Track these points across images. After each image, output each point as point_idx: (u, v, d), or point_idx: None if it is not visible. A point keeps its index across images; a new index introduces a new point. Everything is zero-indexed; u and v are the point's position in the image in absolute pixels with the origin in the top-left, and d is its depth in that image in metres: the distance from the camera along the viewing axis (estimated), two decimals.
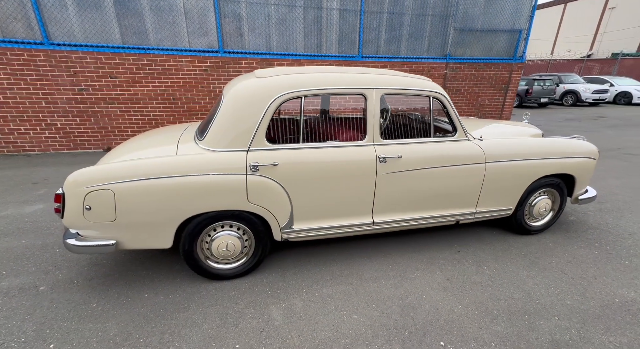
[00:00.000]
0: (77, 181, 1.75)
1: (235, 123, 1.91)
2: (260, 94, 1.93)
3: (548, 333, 1.69)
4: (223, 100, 1.99)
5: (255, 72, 2.19)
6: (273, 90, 1.94)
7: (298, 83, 1.97)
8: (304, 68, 2.16)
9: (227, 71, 5.56)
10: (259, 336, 1.68)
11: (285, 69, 2.14)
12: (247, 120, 1.92)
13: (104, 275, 2.17)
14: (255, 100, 1.92)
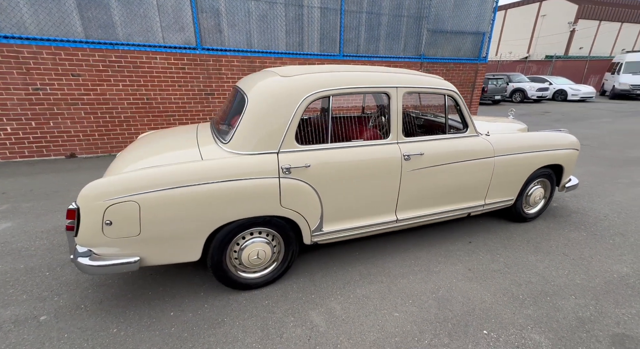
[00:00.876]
0: (95, 194, 1.55)
1: (265, 125, 1.82)
2: (289, 94, 1.85)
3: (572, 312, 1.85)
4: (247, 100, 1.88)
5: (275, 70, 2.10)
6: (302, 89, 1.88)
7: (327, 82, 1.92)
8: (327, 67, 2.12)
9: (207, 69, 5.27)
10: (308, 344, 1.63)
11: (309, 68, 2.09)
12: (276, 121, 1.83)
13: (114, 296, 1.95)
14: (285, 100, 1.84)
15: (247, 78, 2.23)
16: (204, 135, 2.15)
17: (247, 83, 2.08)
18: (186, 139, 2.11)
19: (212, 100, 5.47)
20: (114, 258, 1.65)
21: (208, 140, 2.02)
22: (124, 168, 1.74)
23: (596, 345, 1.62)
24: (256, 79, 2.04)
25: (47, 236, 2.62)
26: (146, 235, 1.65)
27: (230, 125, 2.02)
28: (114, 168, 1.84)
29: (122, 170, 1.71)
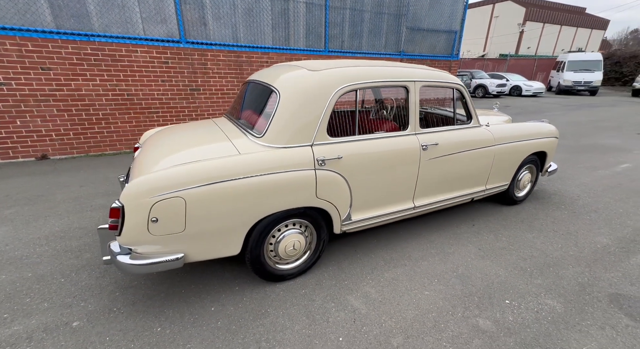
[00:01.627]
0: (141, 191, 1.51)
1: (299, 118, 1.86)
2: (321, 87, 1.90)
3: (572, 279, 2.12)
4: (279, 94, 1.90)
5: (300, 64, 2.14)
6: (333, 83, 1.94)
7: (355, 76, 2.00)
8: (348, 62, 2.19)
9: (191, 64, 5.08)
10: (354, 325, 1.72)
11: (334, 62, 2.14)
12: (310, 114, 1.88)
13: (147, 297, 1.89)
14: (317, 93, 1.89)
15: (269, 72, 2.23)
16: (229, 130, 2.13)
17: (272, 77, 2.09)
18: (212, 133, 2.07)
19: (198, 96, 5.29)
20: (157, 256, 1.61)
21: (237, 134, 2.01)
22: (158, 165, 1.69)
23: (598, 304, 1.88)
24: (283, 73, 2.06)
25: (47, 243, 2.44)
26: (191, 231, 1.63)
27: (255, 119, 2.03)
28: (144, 165, 1.77)
29: (157, 167, 1.66)
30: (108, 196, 3.31)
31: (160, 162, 1.72)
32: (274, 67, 2.41)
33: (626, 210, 3.18)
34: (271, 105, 1.95)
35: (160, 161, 1.73)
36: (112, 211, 1.52)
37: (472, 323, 1.74)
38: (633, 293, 1.99)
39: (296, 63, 2.23)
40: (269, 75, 2.17)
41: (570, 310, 1.83)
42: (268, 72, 2.26)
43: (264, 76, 2.23)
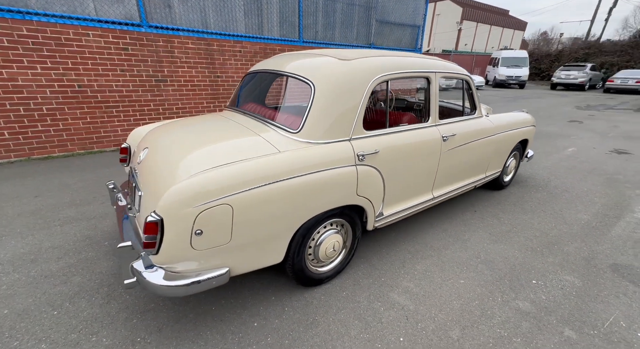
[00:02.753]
0: (183, 199, 1.26)
1: (336, 111, 1.73)
2: (357, 78, 1.79)
3: (576, 254, 2.34)
4: (313, 86, 1.73)
5: (325, 53, 1.98)
6: (368, 73, 1.83)
7: (388, 66, 1.92)
8: (372, 52, 2.09)
9: (156, 51, 4.51)
10: (409, 322, 1.68)
11: (361, 52, 2.03)
12: (347, 106, 1.76)
13: (173, 320, 1.63)
14: (354, 84, 1.78)
15: (288, 61, 2.03)
16: (251, 125, 1.89)
17: (297, 67, 1.91)
18: (234, 129, 1.83)
19: (165, 87, 4.74)
20: (200, 273, 1.38)
21: (263, 129, 1.80)
22: (193, 167, 1.43)
23: (605, 276, 2.10)
24: (310, 62, 1.90)
25: (15, 269, 1.98)
26: (237, 242, 1.43)
27: (281, 113, 1.86)
28: (170, 169, 1.49)
29: (192, 170, 1.41)
30: (77, 207, 2.80)
31: (194, 164, 1.45)
32: (289, 55, 2.21)
33: (589, 188, 3.62)
34: (303, 97, 1.78)
35: (193, 163, 1.47)
36: (149, 226, 1.25)
37: (513, 306, 1.82)
38: (626, 261, 2.26)
39: (317, 52, 2.07)
40: (291, 65, 1.97)
41: (587, 283, 2.02)
42: (286, 61, 2.06)
43: (283, 65, 2.03)
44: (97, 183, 3.35)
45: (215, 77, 5.11)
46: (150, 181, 1.53)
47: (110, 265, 2.05)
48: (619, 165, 4.49)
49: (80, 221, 2.58)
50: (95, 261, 2.08)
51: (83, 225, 2.52)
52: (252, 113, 2.05)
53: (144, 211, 1.54)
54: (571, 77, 17.51)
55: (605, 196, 3.40)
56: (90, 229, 2.46)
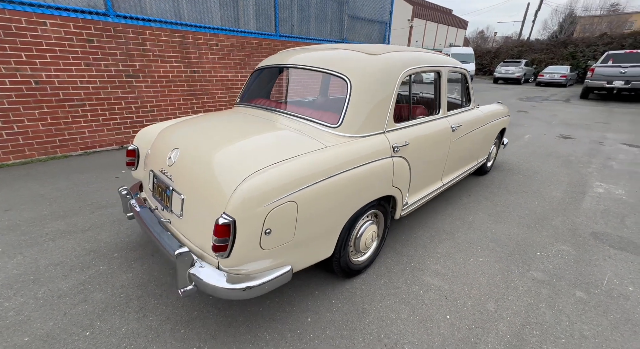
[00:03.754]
0: (254, 197, 1.22)
1: (372, 105, 1.77)
2: (389, 72, 1.84)
3: (562, 226, 2.67)
4: (349, 81, 1.75)
5: (353, 48, 2.00)
6: (397, 67, 1.90)
7: (413, 60, 2.00)
8: (391, 47, 2.16)
9: (126, 44, 4.12)
10: (449, 301, 1.81)
11: (381, 47, 2.08)
12: (381, 100, 1.81)
13: (224, 325, 1.57)
14: (386, 78, 1.83)
15: (312, 56, 2.02)
16: (282, 120, 1.85)
17: (327, 62, 1.90)
18: (264, 125, 1.78)
19: (138, 84, 4.36)
20: (265, 273, 1.35)
21: (299, 125, 1.78)
22: (247, 166, 1.37)
23: (590, 242, 2.44)
24: (339, 57, 1.90)
25: (17, 293, 1.74)
26: (298, 238, 1.41)
27: (313, 107, 1.86)
28: (220, 170, 1.41)
29: (250, 168, 1.35)
30: (63, 219, 2.51)
31: (249, 163, 1.38)
32: (307, 50, 2.18)
33: (552, 169, 4.11)
34: (337, 92, 1.80)
35: (247, 161, 1.40)
36: (220, 228, 1.19)
37: (530, 276, 2.04)
38: (601, 229, 2.63)
39: (336, 46, 2.08)
40: (319, 60, 1.95)
41: (579, 251, 2.33)
42: (310, 56, 2.03)
43: (308, 60, 2.00)
44: (75, 191, 3.01)
45: (191, 72, 4.81)
46: (197, 183, 1.44)
47: (131, 277, 1.89)
48: (568, 148, 5.14)
49: (74, 233, 2.32)
50: (111, 275, 1.90)
51: (79, 237, 2.27)
52: (277, 109, 2.01)
53: (191, 215, 1.46)
54: (510, 72, 19.39)
55: (568, 175, 3.89)
56: (89, 241, 2.23)
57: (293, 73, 2.16)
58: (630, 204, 3.13)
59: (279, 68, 2.22)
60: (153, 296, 1.75)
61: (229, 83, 5.29)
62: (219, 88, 5.18)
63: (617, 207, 3.05)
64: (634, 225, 2.72)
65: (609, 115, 8.54)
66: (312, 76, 1.93)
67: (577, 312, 1.75)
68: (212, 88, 5.10)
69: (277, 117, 1.91)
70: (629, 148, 5.26)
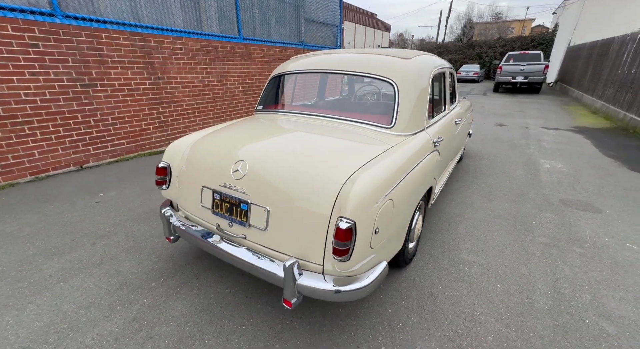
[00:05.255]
0: (368, 199, 1.30)
1: (416, 105, 1.93)
2: (423, 74, 2.02)
3: (539, 198, 3.19)
4: (396, 85, 1.88)
5: (388, 52, 2.14)
6: (428, 69, 2.09)
7: (433, 63, 2.22)
8: (412, 52, 2.33)
9: (78, 49, 3.58)
10: (491, 272, 2.06)
11: (404, 51, 2.24)
12: (421, 100, 1.98)
13: (320, 329, 1.56)
14: (422, 80, 2.00)
15: (348, 61, 2.10)
16: (330, 124, 1.90)
17: (370, 66, 2.00)
18: (321, 130, 1.82)
19: (95, 94, 3.82)
20: (370, 272, 1.40)
21: (353, 128, 1.85)
22: (332, 170, 1.40)
23: (562, 207, 2.98)
24: (382, 62, 2.01)
25: (57, 345, 1.46)
26: (390, 234, 1.49)
27: (360, 110, 1.95)
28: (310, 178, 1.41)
29: (341, 171, 1.39)
30: (60, 256, 2.14)
31: (340, 167, 1.42)
32: (333, 54, 2.24)
33: (505, 152, 4.83)
34: (384, 95, 1.91)
35: (337, 166, 1.43)
36: (342, 233, 1.22)
37: (538, 242, 2.42)
38: (564, 196, 3.23)
39: (365, 51, 2.20)
40: (359, 65, 2.03)
41: (559, 216, 2.83)
42: (347, 62, 2.10)
43: (347, 66, 2.07)
44: (55, 224, 2.56)
45: (155, 79, 4.39)
46: (284, 194, 1.41)
47: (187, 304, 1.73)
48: (507, 134, 6.07)
49: (86, 270, 2.00)
50: (163, 306, 1.71)
51: (95, 273, 1.97)
52: (321, 114, 2.04)
53: (282, 226, 1.42)
54: None
55: (519, 156, 4.63)
56: (112, 275, 1.95)
57: (324, 79, 2.20)
58: (571, 174, 3.89)
59: (307, 74, 2.23)
60: (224, 319, 1.64)
61: (196, 89, 4.96)
62: (186, 95, 4.82)
63: (565, 178, 3.76)
64: (583, 190, 3.40)
65: (520, 105, 10.21)
66: (360, 80, 2.01)
67: (583, 264, 2.16)
68: (179, 95, 4.73)
69: (326, 123, 1.95)
70: (547, 130, 6.42)
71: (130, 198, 3.06)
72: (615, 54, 8.87)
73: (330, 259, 1.33)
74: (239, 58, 5.53)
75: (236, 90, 5.64)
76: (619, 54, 8.53)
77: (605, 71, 9.21)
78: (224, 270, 2.03)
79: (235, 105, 5.71)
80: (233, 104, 5.67)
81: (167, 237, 1.81)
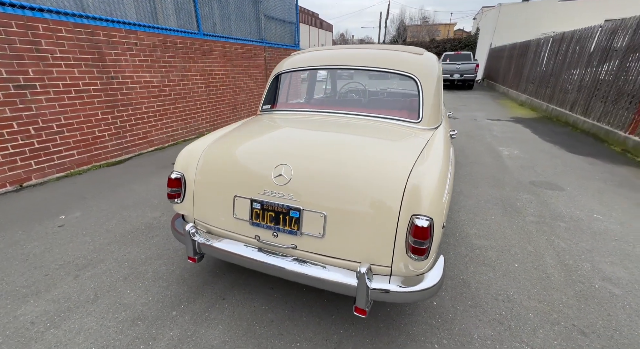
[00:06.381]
0: (437, 195, 1.28)
1: (435, 99, 1.96)
2: (435, 69, 2.06)
3: (512, 182, 3.53)
4: (419, 80, 1.88)
5: (409, 50, 2.17)
6: (437, 64, 2.14)
7: (436, 58, 2.27)
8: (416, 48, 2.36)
9: (9, 42, 2.93)
10: (506, 254, 2.21)
11: (412, 48, 2.27)
12: (438, 94, 2.02)
13: (378, 334, 1.50)
14: (437, 75, 2.04)
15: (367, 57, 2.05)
16: (359, 122, 1.85)
17: (390, 62, 1.99)
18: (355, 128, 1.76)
19: (35, 96, 3.18)
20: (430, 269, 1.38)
21: (385, 125, 1.82)
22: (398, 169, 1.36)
23: (533, 187, 3.33)
24: (400, 59, 2.01)
25: None
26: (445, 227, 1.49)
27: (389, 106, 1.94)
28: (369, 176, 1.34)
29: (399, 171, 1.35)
30: (41, 295, 1.73)
31: (396, 164, 1.38)
32: (350, 50, 2.18)
33: (468, 142, 5.26)
34: (408, 90, 1.91)
35: (394, 163, 1.39)
36: (420, 231, 1.19)
37: (529, 220, 2.67)
38: (531, 179, 3.63)
39: (380, 47, 2.19)
40: (378, 61, 2.00)
41: (535, 196, 3.17)
42: (362, 57, 2.06)
43: (365, 62, 2.02)
44: (14, 258, 2.07)
45: (108, 79, 3.82)
46: (342, 196, 1.32)
47: (224, 329, 1.52)
48: (462, 126, 6.62)
49: (79, 309, 1.64)
50: (197, 335, 1.48)
51: (94, 311, 1.62)
52: (339, 111, 1.97)
53: (343, 230, 1.33)
54: None
55: (480, 145, 5.08)
56: (116, 310, 1.63)
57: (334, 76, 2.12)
58: (528, 158, 4.39)
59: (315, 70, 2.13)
60: (273, 338, 1.48)
61: (156, 89, 4.44)
62: (144, 97, 4.29)
63: (524, 162, 4.23)
64: (543, 172, 3.85)
65: (460, 99, 11.25)
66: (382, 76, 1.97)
67: (571, 236, 2.44)
68: (137, 97, 4.18)
69: (352, 120, 1.90)
70: (493, 121, 7.18)
71: (103, 217, 2.62)
72: (532, 54, 10.26)
73: (402, 259, 1.28)
74: (200, 56, 5.10)
75: (199, 90, 5.20)
76: (536, 54, 9.89)
77: (526, 69, 10.62)
78: (249, 285, 1.84)
79: (199, 106, 5.27)
80: (197, 106, 5.22)
81: (191, 257, 1.57)
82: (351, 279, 1.29)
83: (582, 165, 4.10)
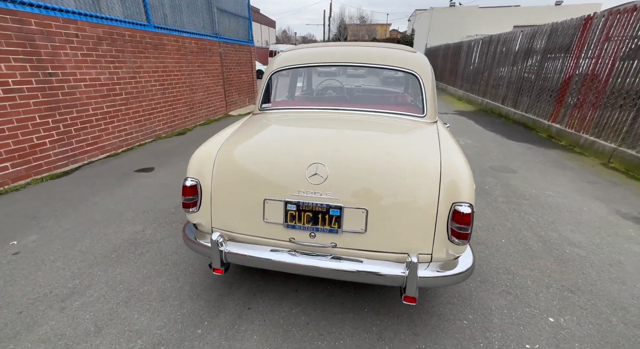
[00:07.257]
0: (471, 179, 1.39)
1: (433, 95, 2.08)
2: (430, 67, 2.18)
3: (475, 167, 3.92)
4: (419, 76, 1.98)
5: (401, 47, 2.23)
6: (428, 61, 2.26)
7: None
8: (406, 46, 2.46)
9: None
10: (508, 232, 2.47)
11: (403, 46, 2.37)
12: (434, 90, 2.13)
13: (400, 331, 1.56)
14: (431, 72, 2.16)
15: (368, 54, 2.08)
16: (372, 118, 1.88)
17: (392, 59, 2.04)
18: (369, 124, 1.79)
19: None
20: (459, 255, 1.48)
21: (395, 121, 1.88)
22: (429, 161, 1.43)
23: (493, 172, 3.75)
24: (399, 56, 2.07)
25: None
26: None
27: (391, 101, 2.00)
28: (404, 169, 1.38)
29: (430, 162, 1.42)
30: (17, 340, 1.43)
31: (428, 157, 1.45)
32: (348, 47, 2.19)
33: None
34: (411, 86, 1.99)
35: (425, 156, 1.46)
36: (465, 217, 1.28)
37: (501, 201, 3.00)
38: (489, 164, 4.07)
39: (376, 45, 2.24)
40: (378, 57, 2.05)
41: (497, 179, 3.56)
42: (363, 54, 2.09)
43: (365, 58, 2.07)
44: None
45: (46, 76, 3.25)
46: (382, 191, 1.35)
47: (260, 339, 1.44)
48: None
49: (79, 345, 1.40)
50: None
51: (101, 345, 1.40)
52: (348, 108, 1.99)
53: (385, 224, 1.36)
54: None
55: None
56: (130, 339, 1.43)
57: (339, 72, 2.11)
58: (480, 147, 4.91)
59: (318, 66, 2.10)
60: (314, 340, 1.45)
61: (104, 88, 3.91)
62: (91, 97, 3.74)
63: (479, 149, 4.73)
64: (497, 158, 4.35)
65: None
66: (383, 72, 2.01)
67: (536, 211, 2.81)
68: (82, 96, 3.63)
69: (362, 116, 1.93)
70: (441, 115, 7.84)
71: (71, 238, 2.24)
72: (465, 54, 11.43)
73: (443, 245, 1.35)
74: (152, 51, 4.62)
75: (153, 89, 4.71)
76: (468, 54, 11.04)
77: (461, 67, 11.79)
78: (271, 290, 1.76)
79: (154, 106, 4.77)
80: (151, 106, 4.72)
81: (217, 269, 1.45)
82: (395, 269, 1.33)
83: (523, 150, 4.73)
